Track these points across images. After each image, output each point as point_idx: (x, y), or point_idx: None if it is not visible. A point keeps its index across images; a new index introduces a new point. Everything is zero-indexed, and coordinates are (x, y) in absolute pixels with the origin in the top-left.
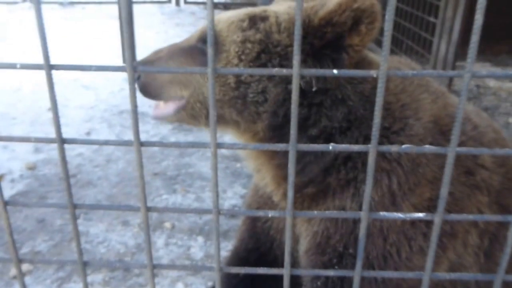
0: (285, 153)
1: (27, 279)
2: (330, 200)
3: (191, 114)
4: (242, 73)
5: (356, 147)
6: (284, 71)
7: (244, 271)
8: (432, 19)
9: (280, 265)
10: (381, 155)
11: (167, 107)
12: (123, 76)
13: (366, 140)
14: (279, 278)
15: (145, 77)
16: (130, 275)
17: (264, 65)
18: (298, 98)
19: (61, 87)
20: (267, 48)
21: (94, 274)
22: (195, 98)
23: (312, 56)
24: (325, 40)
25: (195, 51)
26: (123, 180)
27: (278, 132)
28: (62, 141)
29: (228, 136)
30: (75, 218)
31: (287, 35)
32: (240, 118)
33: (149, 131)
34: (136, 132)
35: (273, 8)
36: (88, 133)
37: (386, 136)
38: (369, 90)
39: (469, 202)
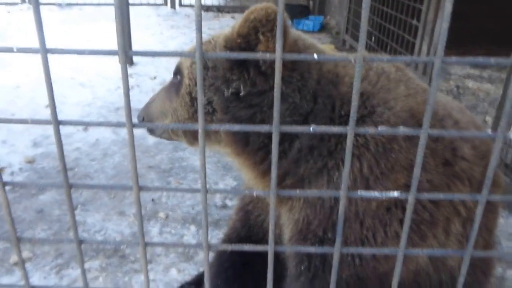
0: (258, 152)
1: (27, 266)
2: (307, 187)
3: (172, 132)
4: (228, 57)
5: (335, 129)
6: (268, 55)
7: (231, 248)
8: (414, 22)
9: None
10: (365, 147)
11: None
12: (119, 75)
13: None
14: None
15: (146, 118)
16: (126, 261)
17: (211, 85)
18: (280, 83)
19: (58, 85)
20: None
21: (92, 260)
22: (174, 120)
23: (237, 65)
24: (243, 50)
25: (171, 83)
26: (119, 173)
27: (240, 135)
28: (57, 122)
29: None
30: (70, 198)
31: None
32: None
33: None
34: (128, 114)
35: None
36: (85, 129)
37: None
38: (314, 86)
39: (449, 191)
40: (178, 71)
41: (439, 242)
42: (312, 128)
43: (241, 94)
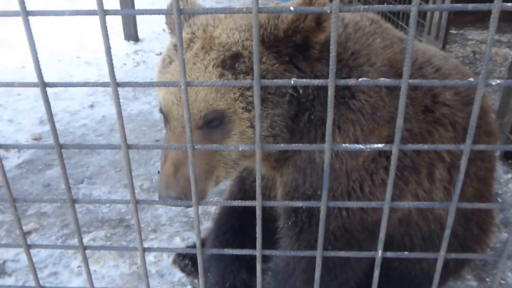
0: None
1: (33, 237)
2: (297, 154)
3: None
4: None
5: (316, 81)
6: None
7: (220, 204)
8: None
9: (265, 215)
10: (347, 107)
11: None
12: (125, 52)
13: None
14: (265, 226)
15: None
16: (130, 231)
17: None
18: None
19: (63, 64)
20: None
21: (97, 230)
22: (226, 168)
23: (285, 62)
24: (294, 45)
25: (201, 134)
26: None
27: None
28: (44, 84)
29: None
30: (61, 157)
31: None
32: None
33: (151, 102)
34: (112, 73)
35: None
36: (91, 106)
37: (347, 87)
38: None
39: (431, 137)
40: (215, 118)
41: (424, 189)
42: (293, 80)
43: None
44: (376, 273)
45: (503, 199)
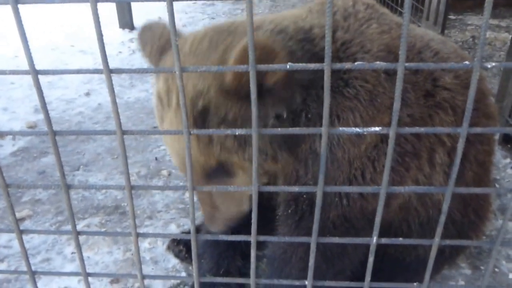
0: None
1: (27, 223)
2: (298, 146)
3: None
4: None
5: (312, 65)
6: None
7: (216, 189)
8: None
9: (264, 202)
10: (342, 95)
11: None
12: (121, 40)
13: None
14: (263, 214)
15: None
16: (126, 218)
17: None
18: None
19: (58, 53)
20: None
21: (92, 217)
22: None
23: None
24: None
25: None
26: None
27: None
28: (36, 72)
29: None
30: (55, 143)
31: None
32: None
33: (148, 89)
34: (104, 59)
35: None
36: (87, 94)
37: (340, 77)
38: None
39: (431, 121)
40: (221, 169)
41: (424, 174)
42: (288, 65)
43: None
44: (371, 259)
45: (501, 185)
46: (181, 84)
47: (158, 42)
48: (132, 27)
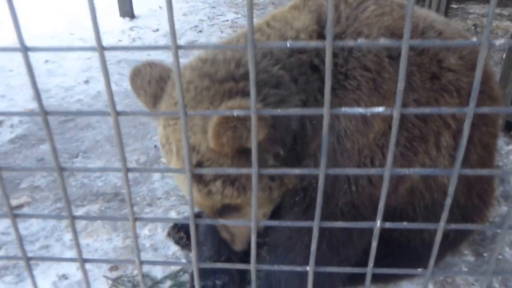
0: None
1: (26, 210)
2: (312, 141)
3: None
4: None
5: (313, 43)
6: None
7: (214, 172)
8: None
9: None
10: (344, 88)
11: None
12: (121, 28)
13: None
14: None
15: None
16: (125, 205)
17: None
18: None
19: (57, 41)
20: None
21: (91, 204)
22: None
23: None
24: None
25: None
26: (121, 122)
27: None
28: (25, 49)
29: None
30: (47, 124)
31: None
32: None
33: None
34: (98, 37)
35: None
36: (86, 81)
37: (339, 71)
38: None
39: (437, 104)
40: (228, 207)
41: (431, 157)
42: (288, 43)
43: None
44: (374, 244)
45: (503, 171)
46: (184, 128)
47: (149, 89)
48: (132, 16)
